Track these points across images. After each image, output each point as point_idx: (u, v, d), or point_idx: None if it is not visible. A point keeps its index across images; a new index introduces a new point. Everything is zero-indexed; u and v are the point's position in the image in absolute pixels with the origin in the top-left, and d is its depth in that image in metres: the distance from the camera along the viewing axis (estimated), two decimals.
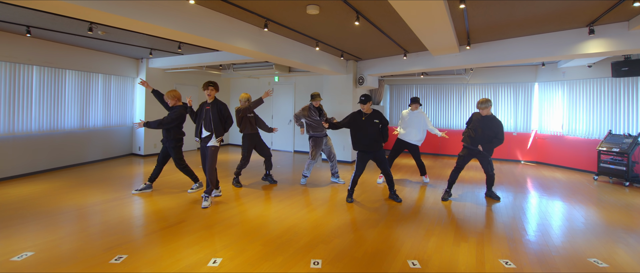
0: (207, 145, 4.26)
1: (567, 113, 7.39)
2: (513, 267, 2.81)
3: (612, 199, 4.94)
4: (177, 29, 3.66)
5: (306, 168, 5.47)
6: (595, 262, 2.91)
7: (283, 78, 9.44)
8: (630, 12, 3.88)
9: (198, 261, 2.78)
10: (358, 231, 3.51)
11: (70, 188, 4.99)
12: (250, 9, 4.00)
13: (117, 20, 3.31)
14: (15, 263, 2.67)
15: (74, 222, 3.63)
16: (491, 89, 8.55)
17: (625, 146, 5.87)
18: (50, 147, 6.22)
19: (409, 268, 2.74)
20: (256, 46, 4.75)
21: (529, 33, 4.86)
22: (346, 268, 2.72)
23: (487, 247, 3.19)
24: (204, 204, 4.16)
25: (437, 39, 4.58)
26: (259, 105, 4.93)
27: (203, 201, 4.20)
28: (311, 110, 5.29)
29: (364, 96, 4.33)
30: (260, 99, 4.90)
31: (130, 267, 2.65)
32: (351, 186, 4.56)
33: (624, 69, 5.95)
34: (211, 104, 4.29)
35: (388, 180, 4.54)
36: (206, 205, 4.16)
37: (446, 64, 5.99)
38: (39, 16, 4.36)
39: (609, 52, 4.42)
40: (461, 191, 5.21)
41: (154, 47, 6.46)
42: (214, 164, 4.30)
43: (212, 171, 4.29)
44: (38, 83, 6.00)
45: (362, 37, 5.28)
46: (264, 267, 2.72)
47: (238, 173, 5.27)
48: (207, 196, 4.24)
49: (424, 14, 3.49)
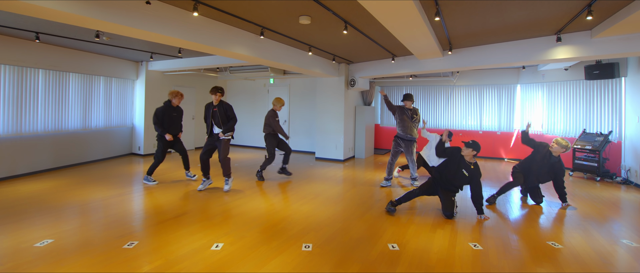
0: (221, 139, 4.93)
1: (546, 113, 7.84)
2: (480, 248, 3.20)
3: (582, 193, 5.37)
4: (181, 38, 4.01)
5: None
6: (553, 244, 3.32)
7: (278, 80, 9.79)
8: (589, 23, 4.30)
9: (202, 246, 3.13)
10: (346, 221, 3.89)
11: (75, 185, 5.29)
12: (247, 19, 4.36)
13: (126, 30, 3.65)
14: (39, 249, 2.99)
15: (83, 215, 3.95)
16: (476, 90, 8.99)
17: (597, 144, 6.32)
18: (54, 147, 6.51)
19: (389, 251, 3.11)
20: (253, 52, 5.11)
21: (505, 40, 5.28)
22: (333, 251, 3.08)
23: (461, 233, 3.58)
24: (225, 188, 5.08)
25: (420, 45, 4.97)
26: (280, 132, 5.76)
27: (224, 186, 5.11)
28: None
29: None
30: (284, 134, 5.77)
31: (141, 251, 3.00)
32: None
33: (595, 72, 6.41)
34: (218, 106, 4.95)
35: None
36: (227, 188, 5.07)
37: (431, 68, 6.40)
38: (49, 24, 4.67)
39: (575, 58, 4.85)
40: None
41: (154, 52, 6.78)
42: (227, 154, 5.02)
43: (226, 159, 5.00)
44: (44, 86, 6.29)
45: (352, 43, 5.67)
46: (260, 250, 3.07)
47: (263, 168, 5.82)
48: (228, 180, 5.10)
49: (403, 24, 3.87)
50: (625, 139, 6.15)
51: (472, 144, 3.98)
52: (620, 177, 6.16)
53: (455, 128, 9.27)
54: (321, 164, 7.56)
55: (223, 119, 4.93)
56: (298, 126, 9.56)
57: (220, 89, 4.97)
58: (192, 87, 9.52)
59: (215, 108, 4.95)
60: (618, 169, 6.30)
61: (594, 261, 2.97)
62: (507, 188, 4.59)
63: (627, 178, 6.02)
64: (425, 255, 3.04)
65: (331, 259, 2.92)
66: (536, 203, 4.66)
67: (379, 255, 3.01)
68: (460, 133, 9.21)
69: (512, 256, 3.04)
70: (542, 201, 4.64)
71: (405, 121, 5.50)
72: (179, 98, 5.51)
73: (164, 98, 8.57)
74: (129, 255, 2.89)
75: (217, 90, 4.93)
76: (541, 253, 3.10)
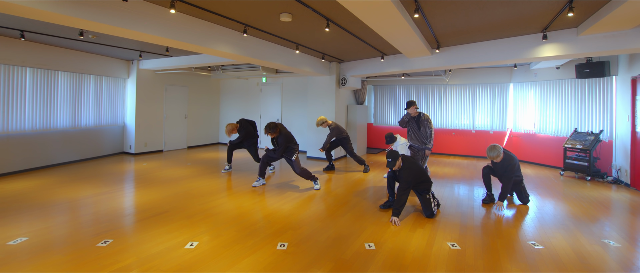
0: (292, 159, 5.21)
1: (538, 112, 7.79)
2: (458, 248, 3.16)
3: (572, 192, 5.32)
4: (160, 36, 3.98)
5: None
6: (533, 244, 3.28)
7: (270, 79, 9.77)
8: (574, 21, 4.26)
9: (176, 244, 3.11)
10: (326, 220, 3.85)
11: (62, 184, 5.28)
12: (229, 16, 4.33)
13: (104, 28, 3.62)
14: (11, 247, 2.97)
15: (66, 213, 3.93)
16: (469, 89, 8.94)
17: (588, 143, 6.27)
18: (43, 145, 6.50)
19: (365, 250, 3.08)
20: (238, 50, 5.08)
21: (492, 38, 5.23)
22: (308, 250, 3.05)
23: (441, 232, 3.55)
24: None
25: (405, 42, 4.93)
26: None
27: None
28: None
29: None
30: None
31: (114, 249, 2.97)
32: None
33: (586, 70, 6.37)
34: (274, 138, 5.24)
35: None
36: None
37: (420, 66, 6.36)
38: (33, 22, 4.66)
39: (562, 55, 4.80)
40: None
41: (143, 50, 6.76)
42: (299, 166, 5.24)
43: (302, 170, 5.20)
44: (31, 84, 6.28)
45: (339, 41, 5.63)
46: (234, 248, 3.05)
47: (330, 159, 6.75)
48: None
49: (383, 21, 3.83)
50: (616, 139, 6.10)
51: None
52: (611, 177, 6.11)
53: (449, 127, 9.23)
54: (312, 163, 7.52)
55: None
56: (290, 125, 9.52)
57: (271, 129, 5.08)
58: (184, 86, 9.50)
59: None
60: (609, 168, 6.25)
61: (571, 261, 2.93)
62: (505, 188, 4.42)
63: (617, 178, 5.97)
64: (400, 254, 3.00)
65: (304, 258, 2.89)
66: (523, 203, 4.62)
67: (353, 255, 2.98)
68: (453, 133, 9.17)
69: (489, 256, 3.00)
70: (528, 200, 4.60)
71: (412, 129, 5.37)
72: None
73: (156, 97, 8.62)
74: (100, 254, 2.87)
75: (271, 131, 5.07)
76: (520, 254, 3.06)
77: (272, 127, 4.98)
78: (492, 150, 4.33)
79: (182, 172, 6.29)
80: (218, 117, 10.88)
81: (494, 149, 4.33)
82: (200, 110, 10.15)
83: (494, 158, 4.34)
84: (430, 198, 4.01)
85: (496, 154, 4.31)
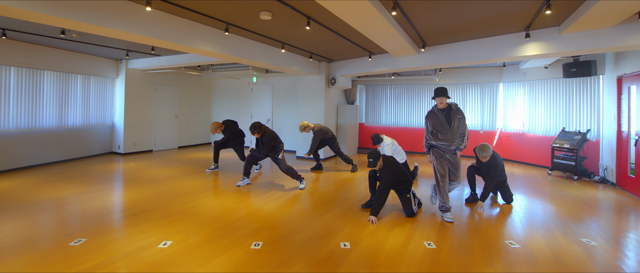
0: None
1: (527, 111, 7.79)
2: (434, 247, 3.14)
3: (557, 191, 5.31)
4: (141, 34, 3.95)
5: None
6: (510, 243, 3.26)
7: (261, 79, 9.74)
8: (556, 19, 4.25)
9: (150, 243, 3.07)
10: (306, 219, 3.83)
11: (47, 183, 5.24)
12: (209, 14, 4.30)
13: (83, 26, 3.58)
14: None
15: (45, 212, 3.89)
16: (459, 89, 8.93)
17: (575, 143, 6.26)
18: (28, 145, 6.45)
19: (339, 249, 3.06)
20: (221, 49, 5.05)
21: (477, 37, 5.22)
22: (282, 249, 3.03)
23: (419, 231, 3.53)
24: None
25: (389, 41, 4.91)
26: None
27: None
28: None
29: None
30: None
31: (85, 248, 2.94)
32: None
33: (573, 70, 6.36)
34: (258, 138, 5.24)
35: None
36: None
37: (408, 65, 6.34)
38: (14, 20, 4.61)
39: (545, 54, 4.78)
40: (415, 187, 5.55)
41: (130, 49, 6.72)
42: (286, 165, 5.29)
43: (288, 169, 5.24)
44: (15, 83, 6.23)
45: (324, 39, 5.60)
46: (208, 248, 3.02)
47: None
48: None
49: (362, 19, 3.80)
50: (603, 138, 6.10)
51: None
52: (598, 176, 6.10)
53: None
54: (300, 163, 7.50)
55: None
56: (281, 125, 9.50)
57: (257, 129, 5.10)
58: (175, 86, 9.46)
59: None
60: (596, 168, 6.24)
61: (546, 260, 2.91)
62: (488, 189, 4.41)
63: (604, 177, 5.97)
64: (375, 253, 2.98)
65: (277, 257, 2.86)
66: (506, 202, 4.61)
67: (327, 254, 2.95)
68: None
69: (464, 255, 2.98)
70: (512, 200, 4.58)
71: (441, 124, 3.92)
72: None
73: (146, 97, 8.58)
74: (70, 253, 2.84)
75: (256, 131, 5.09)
76: (495, 253, 3.04)
77: (256, 127, 5.00)
78: (483, 150, 4.29)
79: (168, 172, 6.25)
80: (209, 117, 10.84)
81: (485, 148, 4.29)
82: (192, 110, 10.11)
83: (483, 158, 4.30)
84: (411, 197, 3.98)
85: (487, 154, 4.28)
